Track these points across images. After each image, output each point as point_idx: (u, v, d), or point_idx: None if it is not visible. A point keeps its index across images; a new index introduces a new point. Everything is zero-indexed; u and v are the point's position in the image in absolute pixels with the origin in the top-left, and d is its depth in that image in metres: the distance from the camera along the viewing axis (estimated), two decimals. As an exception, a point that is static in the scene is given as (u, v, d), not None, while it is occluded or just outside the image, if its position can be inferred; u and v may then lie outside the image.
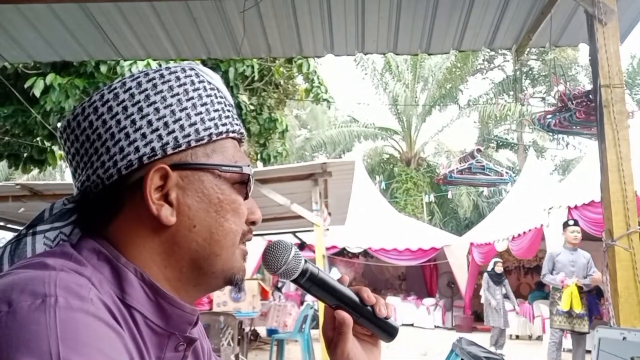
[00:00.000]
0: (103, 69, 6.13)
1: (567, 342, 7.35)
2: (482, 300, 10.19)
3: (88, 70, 6.34)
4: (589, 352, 7.08)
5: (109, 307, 0.53)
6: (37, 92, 6.02)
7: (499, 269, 9.97)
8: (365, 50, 4.29)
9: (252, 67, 7.88)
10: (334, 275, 0.74)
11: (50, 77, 6.07)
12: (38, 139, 7.29)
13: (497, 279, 9.88)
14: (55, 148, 7.64)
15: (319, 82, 8.99)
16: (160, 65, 0.71)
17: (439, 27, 3.94)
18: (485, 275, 10.04)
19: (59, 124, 6.58)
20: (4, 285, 0.50)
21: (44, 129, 6.69)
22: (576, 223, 6.69)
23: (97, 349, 0.47)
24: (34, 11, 3.70)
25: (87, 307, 0.49)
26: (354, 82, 46.01)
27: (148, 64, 5.88)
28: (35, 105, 6.36)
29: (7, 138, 7.19)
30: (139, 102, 0.61)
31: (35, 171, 9.68)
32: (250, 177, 0.67)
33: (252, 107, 9.07)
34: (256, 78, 8.48)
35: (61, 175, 25.93)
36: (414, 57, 20.22)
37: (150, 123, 0.61)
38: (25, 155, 7.56)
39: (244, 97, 8.80)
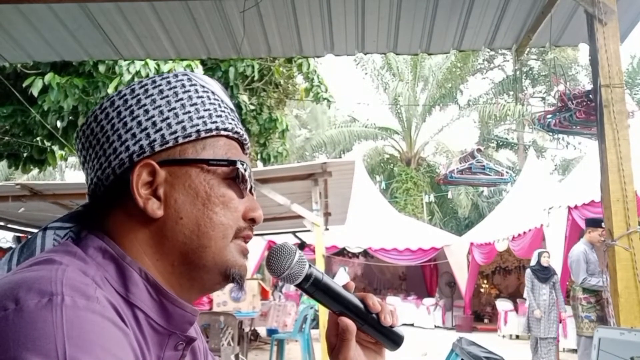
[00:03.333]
0: (101, 68, 6.12)
1: (570, 342, 7.31)
2: (527, 305, 7.89)
3: (87, 69, 6.33)
4: (575, 351, 7.03)
5: (114, 306, 0.54)
6: (35, 91, 6.01)
7: (546, 261, 7.60)
8: (365, 50, 4.29)
9: (252, 66, 7.88)
10: (342, 277, 0.73)
11: (48, 77, 6.06)
12: (38, 138, 7.29)
13: (543, 274, 7.55)
14: (55, 148, 7.64)
15: (319, 82, 8.99)
16: (158, 66, 0.73)
17: (439, 27, 3.94)
18: (528, 272, 7.71)
19: (58, 124, 6.58)
20: (11, 283, 0.50)
21: (44, 128, 6.69)
22: None
23: (104, 347, 0.47)
24: (34, 11, 3.70)
25: (93, 306, 0.50)
26: (354, 82, 46.02)
27: (146, 63, 5.87)
28: (35, 105, 6.36)
29: (7, 138, 7.19)
30: (130, 106, 0.64)
31: (35, 171, 9.68)
32: (241, 171, 0.66)
33: (252, 107, 9.07)
34: (256, 78, 8.48)
35: (61, 175, 25.93)
36: (414, 57, 20.22)
37: (139, 123, 0.64)
38: (25, 155, 7.57)
39: (244, 97, 8.80)
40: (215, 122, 0.66)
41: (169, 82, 0.66)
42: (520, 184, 13.36)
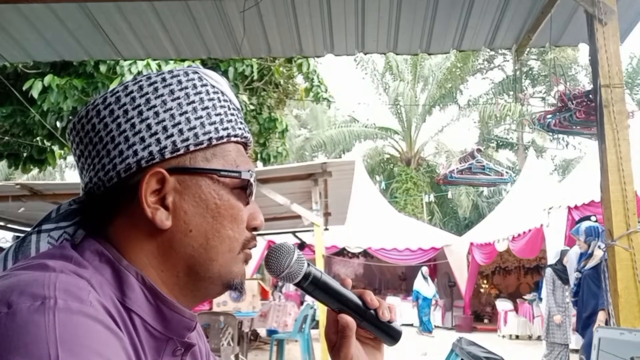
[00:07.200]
0: (102, 68, 6.11)
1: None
2: (543, 309, 7.07)
3: (88, 70, 6.32)
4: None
5: (109, 310, 0.53)
6: (35, 93, 5.99)
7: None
8: (365, 50, 4.29)
9: (252, 66, 7.87)
10: (420, 281, 0.72)
11: (48, 78, 6.05)
12: (38, 138, 7.28)
13: (565, 274, 6.72)
14: (55, 148, 7.63)
15: (319, 81, 8.98)
16: (159, 66, 0.70)
17: (439, 27, 3.94)
18: (548, 271, 6.91)
19: (58, 124, 6.58)
20: (3, 286, 0.50)
21: (44, 128, 6.69)
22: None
23: (96, 351, 0.46)
24: (34, 11, 3.70)
25: (86, 309, 0.49)
26: (354, 82, 46.06)
27: (148, 64, 5.86)
28: (34, 105, 6.35)
29: (6, 138, 7.19)
30: (139, 105, 0.62)
31: (35, 171, 9.67)
32: (251, 182, 0.66)
33: (252, 107, 9.06)
34: (256, 78, 8.47)
35: (61, 175, 25.94)
36: (414, 56, 20.22)
37: (149, 127, 0.61)
38: (25, 155, 7.56)
39: (243, 97, 8.79)
40: (227, 128, 0.65)
41: (179, 82, 0.64)
42: (520, 184, 13.37)
